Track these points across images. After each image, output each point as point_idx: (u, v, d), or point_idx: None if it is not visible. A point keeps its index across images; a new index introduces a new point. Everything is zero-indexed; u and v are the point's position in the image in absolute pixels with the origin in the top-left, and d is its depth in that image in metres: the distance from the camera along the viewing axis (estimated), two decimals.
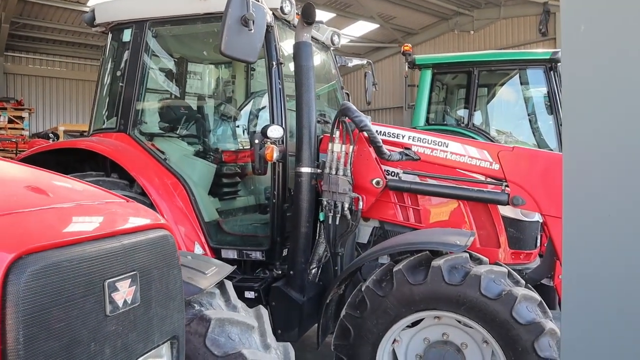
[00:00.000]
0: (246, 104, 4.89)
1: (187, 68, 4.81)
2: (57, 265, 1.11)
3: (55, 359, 1.09)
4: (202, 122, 4.54)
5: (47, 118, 19.52)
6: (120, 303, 1.27)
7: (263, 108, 4.73)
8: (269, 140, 3.44)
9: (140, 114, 4.20)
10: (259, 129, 4.48)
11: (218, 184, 4.36)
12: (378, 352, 3.15)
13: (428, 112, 7.23)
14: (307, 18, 3.65)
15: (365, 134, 3.48)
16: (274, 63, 3.74)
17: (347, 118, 3.48)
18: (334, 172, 3.51)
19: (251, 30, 3.08)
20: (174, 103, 4.60)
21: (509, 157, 3.45)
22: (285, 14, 3.94)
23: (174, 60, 4.60)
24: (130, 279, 1.31)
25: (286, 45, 4.09)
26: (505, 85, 7.11)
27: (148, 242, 1.40)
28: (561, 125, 6.29)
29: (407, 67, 7.19)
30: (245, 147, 4.84)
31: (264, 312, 2.54)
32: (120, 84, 4.22)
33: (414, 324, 3.21)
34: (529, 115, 6.95)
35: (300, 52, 3.65)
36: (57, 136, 13.86)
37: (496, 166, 3.49)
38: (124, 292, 1.28)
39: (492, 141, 6.56)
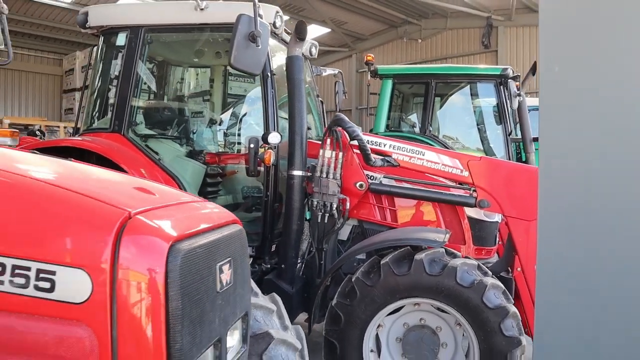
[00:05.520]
0: (229, 110, 5.18)
1: (178, 73, 5.05)
2: (194, 250, 1.44)
3: (193, 324, 1.42)
4: (192, 125, 4.80)
5: None
6: (224, 282, 1.60)
7: (245, 114, 5.05)
8: (268, 145, 3.78)
9: (134, 115, 4.41)
10: (244, 133, 4.82)
11: (205, 183, 4.63)
12: (365, 336, 3.56)
13: (387, 118, 7.74)
14: (300, 34, 4.01)
15: (357, 142, 3.88)
16: (268, 74, 4.07)
17: (339, 127, 3.88)
18: (324, 176, 3.89)
19: (259, 46, 3.41)
20: (166, 106, 4.83)
21: (477, 166, 3.96)
22: (277, 28, 4.28)
23: (166, 65, 4.83)
24: (229, 264, 1.64)
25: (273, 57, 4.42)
26: (458, 96, 7.73)
27: (235, 234, 1.73)
28: (509, 135, 6.97)
29: (369, 75, 7.66)
30: (226, 150, 5.15)
31: (278, 298, 2.89)
32: (114, 86, 4.42)
33: (395, 311, 3.65)
34: (478, 125, 7.60)
35: (292, 66, 4.00)
36: (43, 133, 13.43)
37: (466, 173, 3.99)
38: (226, 274, 1.61)
39: (445, 147, 7.13)
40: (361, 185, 4.04)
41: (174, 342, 1.34)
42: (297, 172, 3.90)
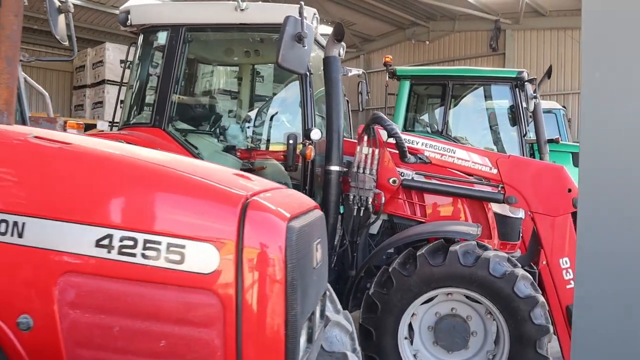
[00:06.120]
0: (263, 107, 5.36)
1: (215, 71, 5.23)
2: (302, 229, 1.63)
3: (302, 295, 1.60)
4: (228, 121, 4.99)
5: None
6: (317, 260, 1.79)
7: (279, 111, 5.24)
8: (309, 141, 3.96)
9: (175, 110, 4.58)
10: (279, 130, 5.00)
11: None
12: (400, 324, 3.75)
13: (405, 119, 7.93)
14: (337, 36, 4.19)
15: (394, 139, 4.07)
16: (307, 73, 4.24)
17: (377, 125, 4.06)
18: (361, 171, 4.08)
19: (305, 46, 3.59)
20: (204, 102, 5.02)
21: (506, 163, 4.16)
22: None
23: (204, 64, 5.01)
24: (320, 244, 1.82)
25: None
26: (474, 97, 7.92)
27: (320, 217, 1.92)
28: (524, 136, 7.16)
29: (387, 76, 7.86)
30: (257, 146, 5.33)
31: (327, 284, 3.07)
32: (154, 82, 4.60)
33: (427, 300, 3.84)
34: (493, 126, 7.81)
35: (330, 66, 4.18)
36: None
37: (494, 170, 4.18)
38: (318, 253, 1.80)
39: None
40: (394, 181, 4.22)
41: (291, 309, 1.53)
42: (335, 168, 4.07)
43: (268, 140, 5.34)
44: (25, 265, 1.63)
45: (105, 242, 1.56)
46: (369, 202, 4.09)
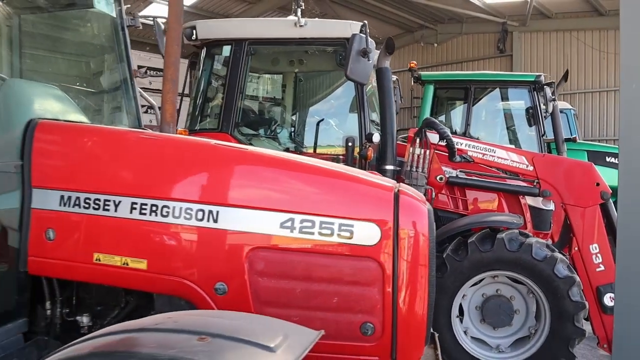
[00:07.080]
0: (316, 111, 5.87)
1: (276, 80, 5.74)
2: (432, 212, 2.16)
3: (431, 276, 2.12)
4: (288, 126, 5.51)
5: None
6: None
7: (328, 117, 5.74)
8: (369, 143, 4.48)
9: (240, 117, 5.09)
10: (333, 133, 5.51)
11: None
12: (453, 304, 4.28)
13: None
14: (389, 49, 4.71)
15: (446, 141, 4.59)
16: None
17: (430, 129, 4.59)
18: (414, 170, 4.60)
19: (369, 60, 4.10)
20: (265, 108, 5.53)
21: (541, 161, 4.71)
22: None
23: (266, 74, 5.52)
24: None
25: None
26: (495, 100, 8.45)
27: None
28: (543, 136, 7.68)
29: (412, 81, 8.39)
30: (300, 148, 5.83)
31: None
32: (220, 91, 5.11)
33: (475, 283, 4.37)
34: (512, 126, 8.35)
35: (383, 76, 4.69)
36: None
37: (530, 168, 4.72)
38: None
39: None
40: (441, 179, 4.75)
41: (431, 270, 2.05)
42: (389, 167, 4.58)
43: (316, 143, 5.85)
44: (220, 244, 2.12)
45: (288, 224, 2.05)
46: None
